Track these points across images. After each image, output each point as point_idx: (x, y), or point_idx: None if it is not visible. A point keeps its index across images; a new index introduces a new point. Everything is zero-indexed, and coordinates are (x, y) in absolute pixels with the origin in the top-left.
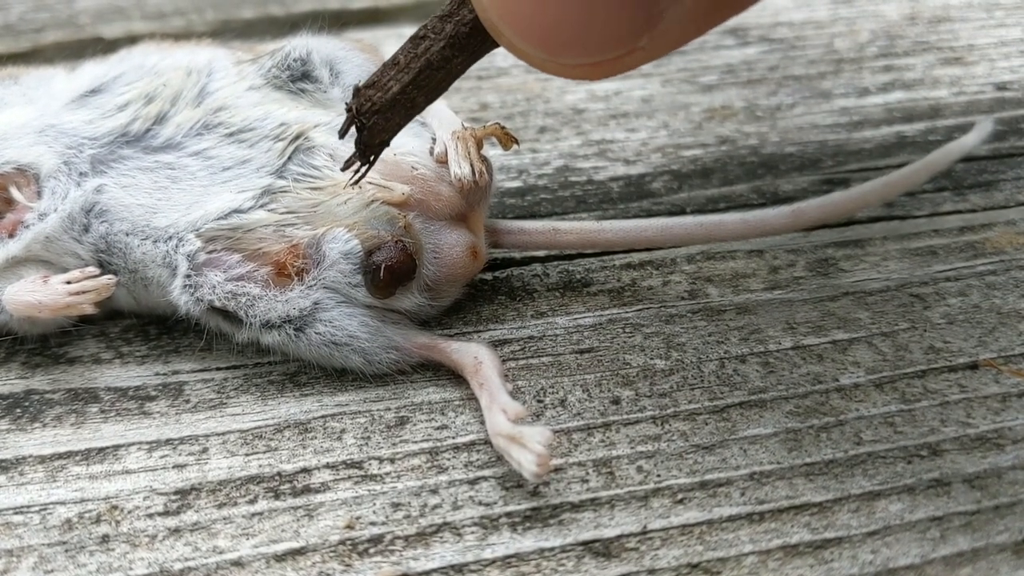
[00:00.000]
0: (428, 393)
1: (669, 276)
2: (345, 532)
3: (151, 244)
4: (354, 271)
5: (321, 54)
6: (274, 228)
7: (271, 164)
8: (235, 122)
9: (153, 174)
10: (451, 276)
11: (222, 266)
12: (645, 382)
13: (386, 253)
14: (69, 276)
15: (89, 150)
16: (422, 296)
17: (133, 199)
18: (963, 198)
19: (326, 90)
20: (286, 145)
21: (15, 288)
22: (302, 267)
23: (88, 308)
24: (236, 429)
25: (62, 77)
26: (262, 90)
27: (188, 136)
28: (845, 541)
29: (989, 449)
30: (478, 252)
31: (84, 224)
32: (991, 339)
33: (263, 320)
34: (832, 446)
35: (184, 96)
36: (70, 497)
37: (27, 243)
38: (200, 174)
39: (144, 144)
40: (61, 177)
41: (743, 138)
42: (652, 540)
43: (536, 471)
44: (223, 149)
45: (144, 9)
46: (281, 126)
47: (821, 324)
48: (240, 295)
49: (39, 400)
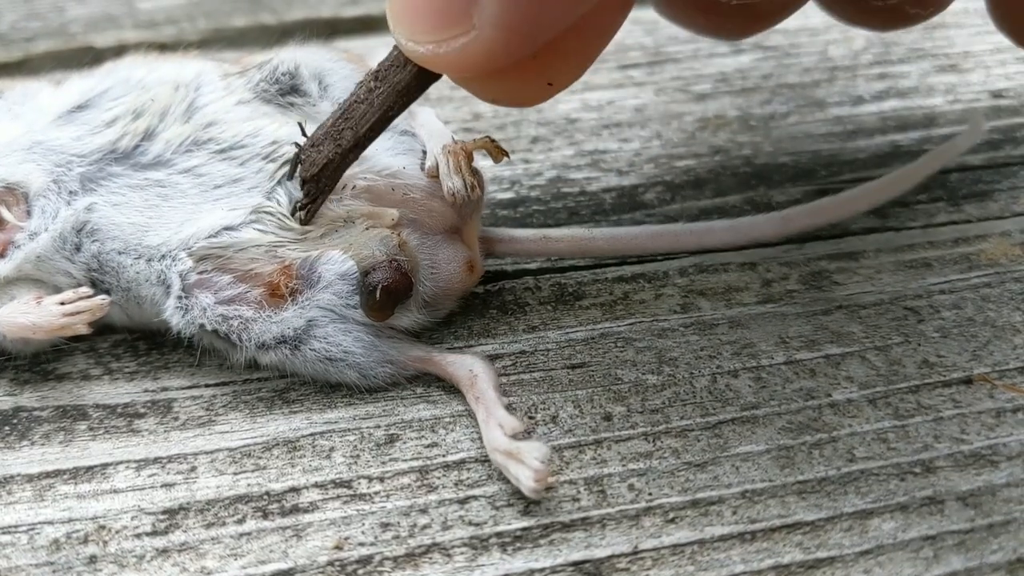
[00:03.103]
0: (418, 410)
1: (661, 289)
2: (334, 553)
3: (144, 263)
4: (351, 292)
5: (310, 68)
6: (266, 248)
7: (262, 185)
8: (225, 138)
9: (144, 192)
10: (448, 291)
11: (212, 287)
12: (637, 398)
13: (381, 274)
14: (63, 297)
15: (78, 168)
16: (420, 313)
17: (124, 217)
18: (958, 208)
19: (315, 103)
20: (277, 168)
21: (8, 310)
22: (295, 288)
23: (82, 328)
24: (225, 447)
25: (48, 92)
26: (252, 104)
27: (178, 153)
28: (838, 560)
29: (983, 466)
30: (474, 265)
31: (75, 243)
32: (985, 353)
33: (258, 343)
34: (825, 463)
35: (172, 111)
36: (58, 517)
37: (18, 263)
38: (191, 192)
39: (133, 161)
40: (51, 196)
41: (736, 148)
42: (643, 560)
43: (534, 487)
44: (214, 166)
45: (136, 18)
46: (272, 144)
47: (814, 338)
48: (232, 318)
49: (27, 417)
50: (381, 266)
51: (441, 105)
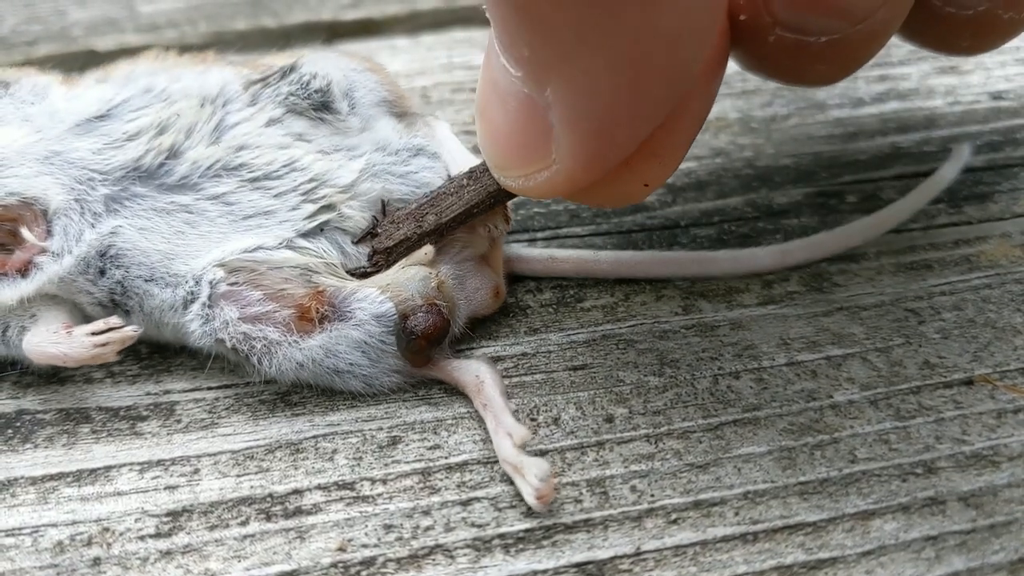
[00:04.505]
0: (420, 412)
1: (662, 291)
2: (337, 555)
3: (171, 291)
4: (383, 334)
5: (340, 85)
6: (300, 271)
7: (296, 222)
8: (258, 164)
9: (170, 217)
10: (474, 316)
11: (240, 301)
12: (639, 399)
13: (422, 320)
14: (93, 328)
15: (102, 188)
16: (449, 346)
17: (150, 244)
18: (958, 210)
19: (344, 119)
20: (316, 210)
21: (38, 339)
22: (325, 314)
23: (111, 358)
24: (228, 450)
25: (59, 91)
26: (284, 122)
27: (206, 176)
28: (839, 561)
29: (984, 467)
30: (500, 291)
31: (99, 268)
32: (986, 354)
33: (278, 368)
34: (826, 464)
35: (199, 129)
36: (61, 519)
37: (41, 284)
38: (219, 220)
39: (159, 182)
40: (73, 216)
41: (738, 150)
42: (646, 561)
43: (535, 504)
44: (244, 195)
45: (137, 21)
46: (311, 182)
47: (815, 340)
48: (256, 339)
49: (31, 420)
50: (421, 311)
51: (442, 108)
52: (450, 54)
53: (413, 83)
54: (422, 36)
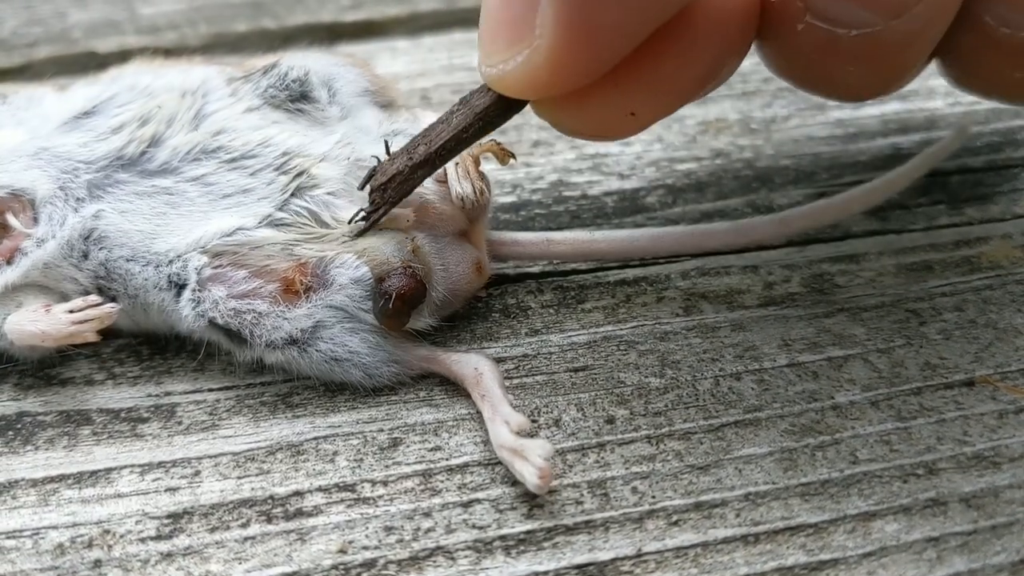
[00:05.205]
0: (421, 413)
1: (663, 292)
2: (338, 556)
3: (152, 269)
4: (363, 297)
5: (319, 75)
6: (282, 246)
7: (273, 197)
8: (235, 146)
9: (151, 199)
10: (457, 292)
11: (227, 282)
12: (640, 401)
13: (396, 281)
14: (72, 305)
15: (85, 175)
16: (430, 317)
17: (132, 225)
18: (958, 211)
19: (324, 109)
20: (289, 180)
21: (17, 317)
22: (310, 285)
23: (91, 336)
24: (228, 451)
25: (52, 98)
26: (261, 111)
27: (185, 161)
28: (841, 563)
29: (986, 468)
30: (482, 267)
31: (83, 251)
32: (987, 355)
33: (267, 340)
34: (828, 465)
35: (180, 118)
36: (62, 521)
37: (25, 270)
38: (199, 200)
39: (140, 168)
40: (58, 203)
41: (738, 151)
42: (647, 563)
43: (538, 484)
44: (222, 176)
45: (137, 23)
46: (284, 155)
47: (816, 341)
48: (244, 312)
49: (31, 422)
50: (396, 273)
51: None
52: (451, 56)
53: (414, 85)
54: (423, 38)
